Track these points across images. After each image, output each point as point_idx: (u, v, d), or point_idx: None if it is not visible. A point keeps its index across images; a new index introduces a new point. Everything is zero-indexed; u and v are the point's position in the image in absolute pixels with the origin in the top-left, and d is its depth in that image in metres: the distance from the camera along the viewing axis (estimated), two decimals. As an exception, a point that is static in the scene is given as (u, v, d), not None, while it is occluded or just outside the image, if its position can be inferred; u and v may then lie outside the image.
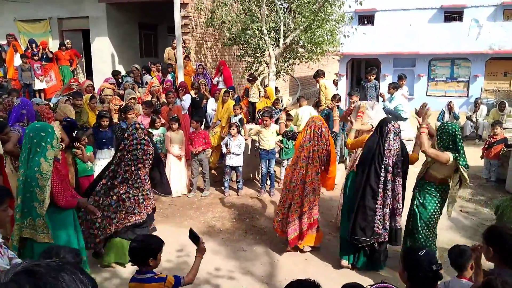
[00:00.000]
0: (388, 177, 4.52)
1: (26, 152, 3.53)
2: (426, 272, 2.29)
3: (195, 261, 3.04)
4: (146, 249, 2.82)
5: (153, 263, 2.83)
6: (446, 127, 4.51)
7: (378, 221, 4.54)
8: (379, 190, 4.52)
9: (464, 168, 4.38)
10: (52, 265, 0.98)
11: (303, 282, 2.05)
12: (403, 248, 4.86)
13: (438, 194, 4.60)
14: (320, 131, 5.04)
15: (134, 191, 4.73)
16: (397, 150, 4.54)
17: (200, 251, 3.05)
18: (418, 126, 4.71)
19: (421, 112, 4.88)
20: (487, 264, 2.76)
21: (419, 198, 4.68)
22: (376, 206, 4.54)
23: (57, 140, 3.70)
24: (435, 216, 4.63)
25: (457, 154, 4.37)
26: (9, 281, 0.93)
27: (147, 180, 4.85)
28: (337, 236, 5.33)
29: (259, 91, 9.28)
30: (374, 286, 2.42)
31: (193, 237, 3.06)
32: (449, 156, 4.35)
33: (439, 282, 2.40)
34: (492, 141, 8.26)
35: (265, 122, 7.43)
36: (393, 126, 4.57)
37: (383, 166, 4.49)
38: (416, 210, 4.67)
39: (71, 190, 4.01)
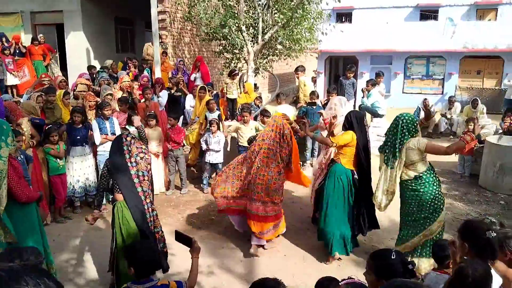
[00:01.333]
0: None
1: None
2: (403, 275, 2.25)
3: (192, 263, 2.91)
4: (156, 258, 2.70)
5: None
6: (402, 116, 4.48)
7: None
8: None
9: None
10: (15, 268, 0.91)
11: (266, 281, 2.04)
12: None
13: None
14: (282, 132, 5.03)
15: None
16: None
17: (195, 251, 2.92)
18: None
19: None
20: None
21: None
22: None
23: (13, 138, 3.56)
24: None
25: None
26: None
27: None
28: (315, 233, 5.32)
29: (237, 88, 9.26)
30: (343, 282, 2.41)
31: (183, 239, 2.94)
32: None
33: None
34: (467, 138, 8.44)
35: (244, 118, 7.39)
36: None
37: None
38: None
39: (28, 186, 3.87)
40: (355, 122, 4.93)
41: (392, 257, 2.31)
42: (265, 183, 4.98)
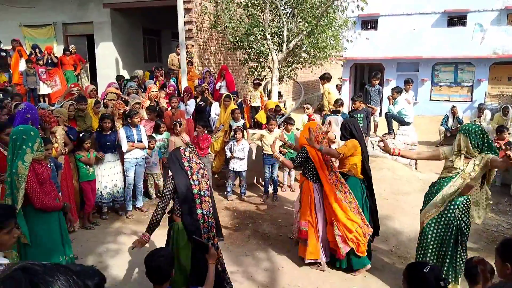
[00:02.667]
0: None
1: (11, 154, 3.61)
2: None
3: (209, 268, 2.92)
4: (170, 262, 2.68)
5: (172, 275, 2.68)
6: (470, 127, 4.06)
7: None
8: None
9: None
10: (48, 266, 1.02)
11: None
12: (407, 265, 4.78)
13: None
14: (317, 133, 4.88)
15: None
16: None
17: (211, 256, 2.95)
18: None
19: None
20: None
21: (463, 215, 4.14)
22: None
23: (41, 144, 3.69)
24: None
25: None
26: (6, 277, 0.96)
27: None
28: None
29: (262, 96, 9.32)
30: None
31: (199, 245, 2.98)
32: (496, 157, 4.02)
33: None
34: (497, 146, 8.22)
35: (270, 126, 7.43)
36: None
37: None
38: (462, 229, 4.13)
39: (55, 192, 3.95)
40: (355, 130, 4.90)
41: (425, 270, 2.30)
42: None
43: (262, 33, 10.19)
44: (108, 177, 6.42)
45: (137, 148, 6.54)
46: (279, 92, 11.48)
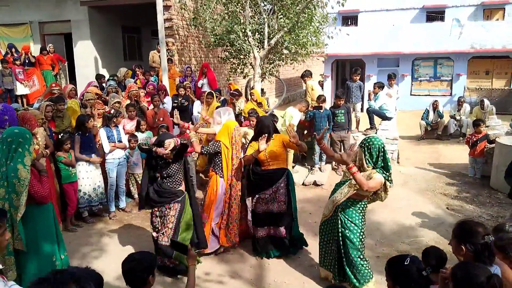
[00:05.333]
0: None
1: (4, 157, 3.48)
2: (418, 281, 2.26)
3: (189, 270, 2.86)
4: (145, 266, 2.62)
5: (152, 280, 2.62)
6: (373, 141, 3.90)
7: None
8: None
9: (389, 185, 3.97)
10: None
11: None
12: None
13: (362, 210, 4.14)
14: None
15: None
16: None
17: (191, 258, 2.89)
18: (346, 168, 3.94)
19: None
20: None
21: (345, 218, 4.09)
22: None
23: (33, 146, 3.68)
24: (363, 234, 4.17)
25: (382, 170, 3.89)
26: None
27: None
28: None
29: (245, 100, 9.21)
30: None
31: (178, 247, 2.91)
32: (381, 180, 3.85)
33: None
34: (474, 139, 8.38)
35: (251, 122, 7.39)
36: None
37: None
38: (345, 233, 4.10)
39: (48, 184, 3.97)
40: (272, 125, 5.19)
41: (406, 262, 2.31)
42: None
43: (243, 30, 10.14)
44: (88, 179, 6.26)
45: (118, 148, 6.45)
46: (262, 89, 11.45)
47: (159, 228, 4.59)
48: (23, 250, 3.51)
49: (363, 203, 4.08)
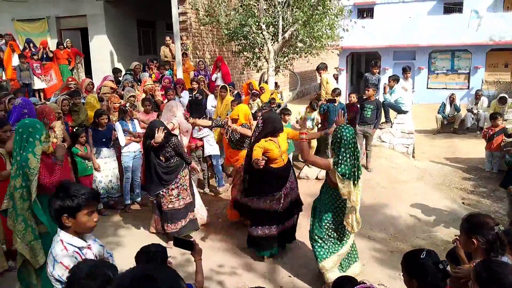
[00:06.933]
0: None
1: (17, 147, 3.62)
2: (434, 274, 2.24)
3: (196, 264, 2.86)
4: (160, 258, 2.69)
5: None
6: (339, 130, 3.96)
7: None
8: None
9: (339, 176, 3.86)
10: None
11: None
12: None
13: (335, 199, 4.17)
14: None
15: None
16: None
17: (197, 253, 2.86)
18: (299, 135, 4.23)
19: (301, 123, 4.99)
20: None
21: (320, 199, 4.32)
22: None
23: (46, 136, 3.77)
24: (329, 222, 4.21)
25: (337, 159, 3.91)
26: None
27: None
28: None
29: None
30: (358, 287, 2.41)
31: (183, 243, 2.86)
32: (329, 162, 3.97)
33: None
34: (491, 133, 8.23)
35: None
36: None
37: None
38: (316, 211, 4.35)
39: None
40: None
41: (422, 256, 2.30)
42: None
43: (257, 24, 10.11)
44: (103, 172, 6.37)
45: (133, 141, 6.52)
46: (276, 83, 11.43)
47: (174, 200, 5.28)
48: (49, 232, 3.58)
49: (333, 191, 4.11)
